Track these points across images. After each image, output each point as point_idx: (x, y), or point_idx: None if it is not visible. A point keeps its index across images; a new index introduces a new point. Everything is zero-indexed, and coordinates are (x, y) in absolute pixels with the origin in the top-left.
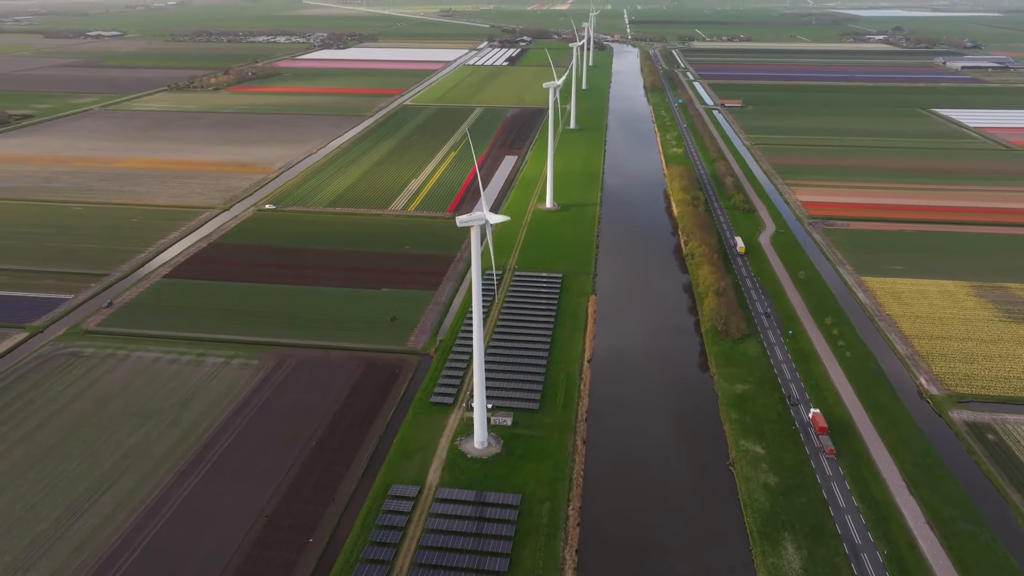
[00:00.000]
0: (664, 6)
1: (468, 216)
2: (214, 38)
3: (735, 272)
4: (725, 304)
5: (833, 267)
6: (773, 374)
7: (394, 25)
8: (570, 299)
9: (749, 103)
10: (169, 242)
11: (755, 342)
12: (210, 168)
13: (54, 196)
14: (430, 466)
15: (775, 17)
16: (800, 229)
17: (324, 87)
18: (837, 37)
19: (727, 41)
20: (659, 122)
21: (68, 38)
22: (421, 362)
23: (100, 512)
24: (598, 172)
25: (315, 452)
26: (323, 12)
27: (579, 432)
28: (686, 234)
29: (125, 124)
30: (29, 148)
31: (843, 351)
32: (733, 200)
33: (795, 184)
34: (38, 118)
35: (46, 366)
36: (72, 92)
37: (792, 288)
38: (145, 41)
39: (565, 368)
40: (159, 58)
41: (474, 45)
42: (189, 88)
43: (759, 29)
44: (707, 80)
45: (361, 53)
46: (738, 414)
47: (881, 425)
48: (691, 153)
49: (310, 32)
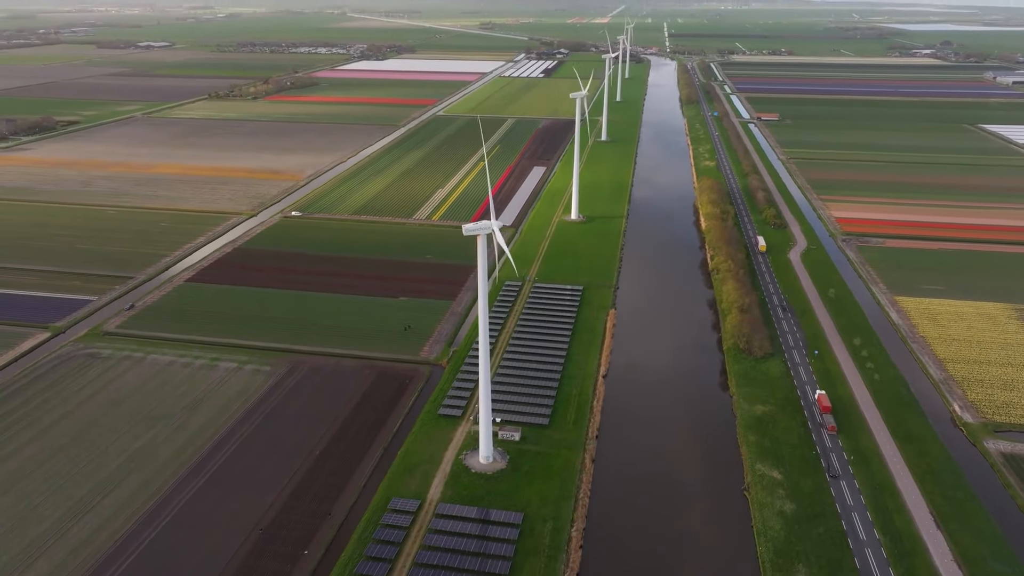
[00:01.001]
0: (705, 20)
1: (474, 225)
2: (257, 49)
3: (762, 288)
4: (748, 321)
5: (865, 285)
6: (796, 396)
7: (433, 37)
8: (589, 312)
9: (786, 117)
10: (195, 246)
11: (778, 361)
12: (242, 175)
13: (90, 200)
14: (432, 480)
15: (818, 31)
16: (833, 245)
17: (359, 97)
18: (882, 51)
19: (767, 55)
20: (692, 135)
21: (119, 48)
22: (433, 373)
23: (100, 515)
24: (626, 184)
25: (318, 462)
26: (366, 25)
27: (588, 450)
28: (712, 248)
29: (164, 131)
30: (71, 153)
31: (871, 373)
32: (764, 215)
33: (830, 199)
34: (83, 124)
35: (64, 366)
36: (118, 100)
37: (821, 306)
38: (191, 51)
39: (579, 383)
40: (203, 68)
41: (511, 57)
42: (229, 97)
43: (801, 43)
44: (744, 93)
45: (399, 64)
46: (756, 436)
47: (909, 453)
48: (723, 166)
49: (351, 44)
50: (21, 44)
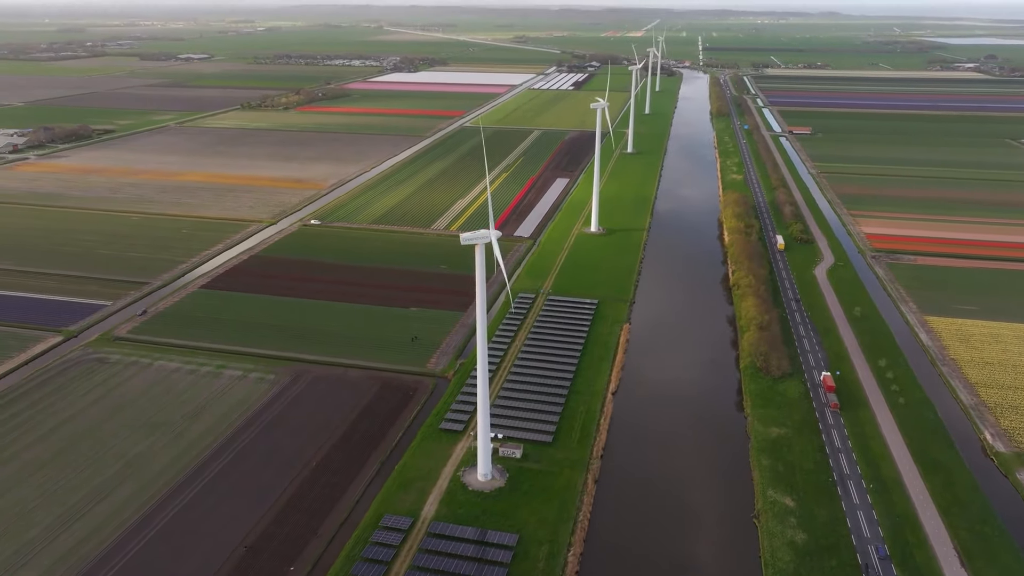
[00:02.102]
0: (741, 34)
1: (472, 234)
2: (293, 61)
3: (784, 305)
4: (767, 339)
5: (894, 304)
6: (814, 418)
7: (467, 50)
8: (603, 326)
9: (819, 130)
10: (213, 253)
11: (797, 382)
12: (265, 183)
13: (116, 206)
14: (428, 497)
15: (857, 45)
16: (861, 262)
17: (388, 108)
18: (923, 65)
19: (803, 68)
20: (721, 148)
21: (161, 60)
22: (438, 385)
23: (90, 523)
24: (650, 197)
25: (313, 474)
26: (401, 38)
27: (592, 470)
28: (734, 263)
29: (195, 140)
30: (104, 160)
31: (896, 397)
32: (790, 229)
33: (861, 215)
34: (118, 133)
35: (71, 371)
36: (153, 109)
37: (845, 325)
38: (229, 63)
39: (586, 400)
40: (238, 79)
41: (542, 70)
42: (260, 107)
43: (838, 57)
44: (777, 107)
45: (430, 77)
46: (770, 460)
47: (934, 483)
48: (751, 180)
49: (384, 56)
50: (68, 56)
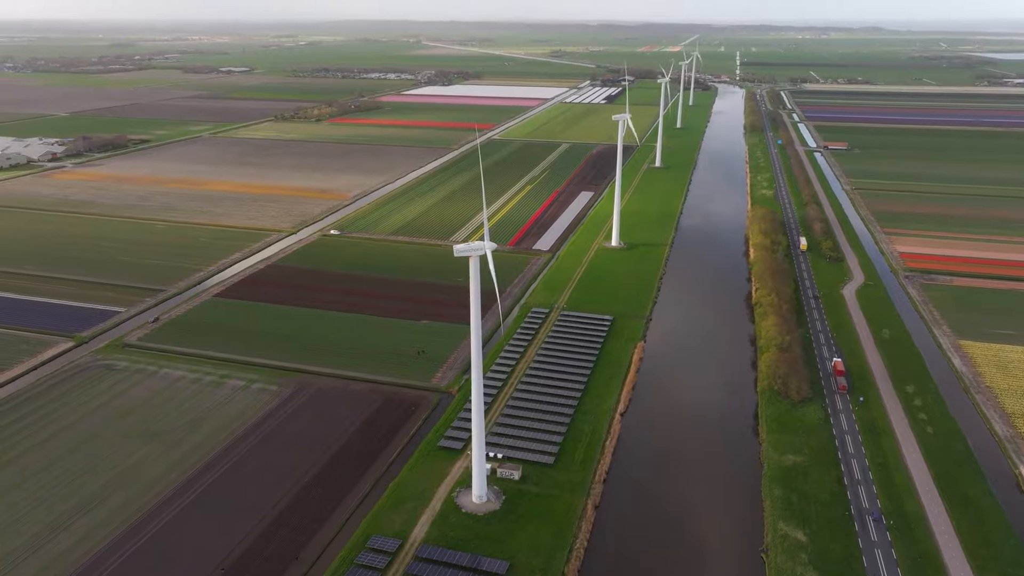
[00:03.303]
0: (781, 49)
1: (466, 246)
2: (330, 74)
3: (808, 326)
4: (787, 361)
5: (926, 327)
6: (833, 447)
7: (502, 65)
8: (616, 344)
9: (856, 146)
10: (230, 262)
11: (817, 407)
12: (290, 193)
13: (142, 214)
14: (419, 518)
15: (901, 60)
16: (893, 282)
17: (418, 120)
18: (970, 80)
19: (842, 83)
20: (752, 163)
21: (203, 73)
22: (441, 401)
23: (76, 533)
24: (675, 212)
25: (305, 490)
26: (438, 52)
27: (593, 495)
28: (758, 281)
29: (226, 150)
30: (135, 169)
31: (924, 426)
32: (820, 247)
33: (895, 233)
34: (153, 143)
35: (78, 377)
36: (190, 120)
37: (872, 348)
38: (268, 76)
39: (593, 420)
40: (275, 91)
41: (575, 84)
42: (293, 119)
43: (881, 72)
44: (813, 122)
45: (463, 90)
46: (783, 490)
47: (962, 521)
48: (781, 196)
49: (420, 70)
50: (116, 69)
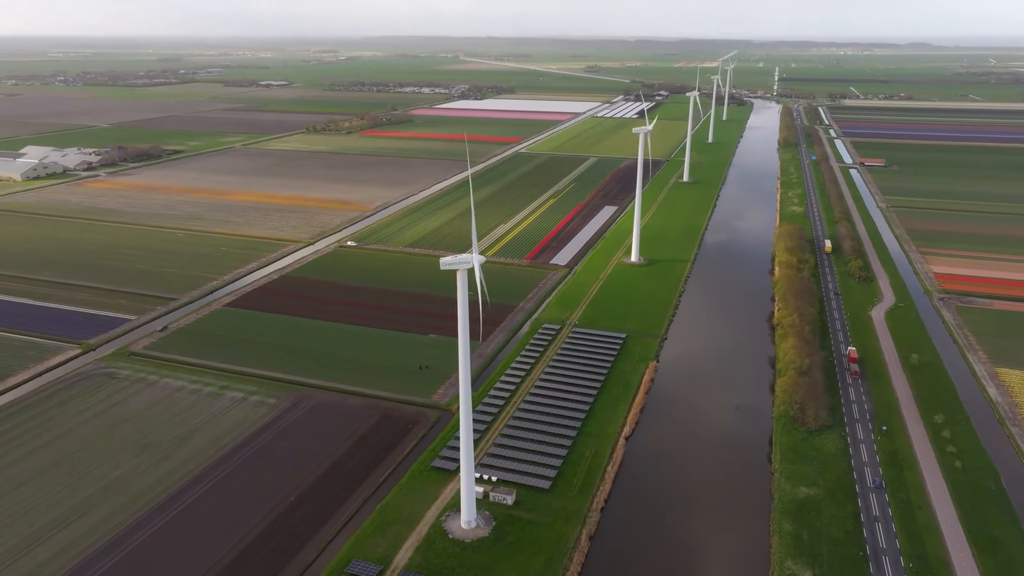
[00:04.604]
0: (821, 65)
1: (453, 258)
2: (366, 88)
3: (832, 348)
4: (804, 386)
5: (960, 352)
6: (851, 479)
7: (536, 79)
8: (627, 363)
9: (894, 162)
10: (246, 272)
11: (836, 436)
12: (312, 204)
13: (166, 223)
14: (403, 543)
15: (946, 76)
16: (926, 304)
17: (447, 134)
18: (1019, 97)
19: (883, 99)
20: (784, 178)
21: (243, 87)
22: (440, 418)
23: (53, 547)
24: (700, 228)
25: (290, 509)
26: (475, 68)
27: (588, 524)
28: (781, 300)
29: (256, 161)
30: (165, 179)
31: (952, 460)
32: (849, 266)
33: (931, 252)
34: (186, 153)
35: (79, 385)
36: (224, 132)
37: (899, 373)
38: (305, 90)
39: (595, 443)
40: (310, 104)
41: (608, 99)
42: (324, 131)
43: (925, 87)
44: (850, 138)
45: (495, 104)
46: (793, 526)
47: (989, 567)
48: (812, 212)
49: (454, 84)
50: (161, 82)
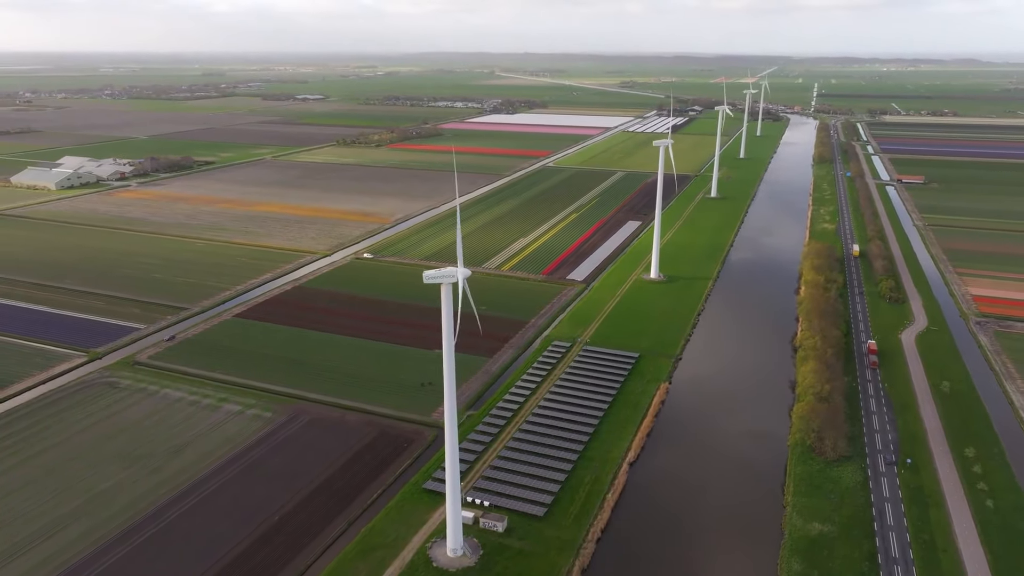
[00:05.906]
0: (863, 81)
1: (437, 272)
2: (400, 102)
3: (857, 373)
4: (824, 413)
5: (997, 380)
6: (869, 516)
7: (570, 94)
8: (638, 384)
9: (933, 180)
10: (260, 282)
11: (856, 468)
12: (333, 216)
13: (187, 232)
14: (385, 570)
15: (995, 92)
16: (961, 328)
17: (476, 147)
18: None
19: (925, 115)
20: (816, 195)
21: (280, 100)
22: (437, 438)
23: (29, 561)
24: (725, 244)
25: (273, 529)
26: (510, 83)
27: (582, 556)
28: (804, 321)
29: (283, 173)
30: (194, 189)
31: (983, 498)
32: (880, 286)
33: (968, 273)
34: (217, 164)
35: (80, 394)
36: (256, 144)
37: (928, 401)
38: (340, 104)
39: (597, 468)
40: (343, 117)
41: (640, 113)
42: (354, 144)
43: (970, 104)
44: (889, 154)
45: (527, 118)
46: (802, 566)
47: None
48: (844, 230)
49: (487, 99)
50: (201, 96)
